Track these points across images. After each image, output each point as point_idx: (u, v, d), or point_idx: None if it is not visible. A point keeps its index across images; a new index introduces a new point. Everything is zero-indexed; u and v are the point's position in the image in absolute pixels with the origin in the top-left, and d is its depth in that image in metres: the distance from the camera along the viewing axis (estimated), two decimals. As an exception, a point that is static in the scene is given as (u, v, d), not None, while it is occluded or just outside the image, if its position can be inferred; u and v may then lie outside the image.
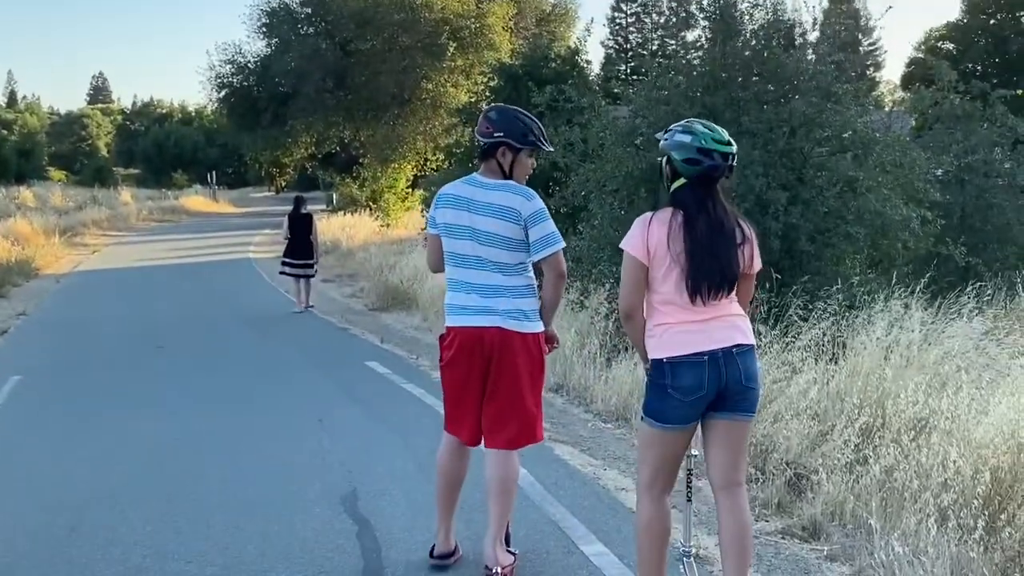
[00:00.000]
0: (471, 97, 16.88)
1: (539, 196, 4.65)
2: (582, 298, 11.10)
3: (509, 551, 4.76)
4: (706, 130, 3.93)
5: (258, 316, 15.63)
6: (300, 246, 16.15)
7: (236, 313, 16.11)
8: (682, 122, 4.05)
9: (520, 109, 4.78)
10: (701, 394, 3.86)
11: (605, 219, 10.06)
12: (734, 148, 3.97)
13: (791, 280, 9.12)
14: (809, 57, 10.15)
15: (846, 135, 9.69)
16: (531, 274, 4.61)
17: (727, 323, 3.92)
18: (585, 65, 16.72)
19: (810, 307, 8.53)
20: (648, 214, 4.01)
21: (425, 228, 4.82)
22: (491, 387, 4.55)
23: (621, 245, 4.02)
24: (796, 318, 8.32)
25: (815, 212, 9.29)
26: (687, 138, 3.91)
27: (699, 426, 4.02)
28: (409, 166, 37.55)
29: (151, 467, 6.76)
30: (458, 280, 4.58)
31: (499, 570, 4.55)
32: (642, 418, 4.04)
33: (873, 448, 5.92)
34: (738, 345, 3.90)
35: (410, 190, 34.91)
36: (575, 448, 7.16)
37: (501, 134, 4.56)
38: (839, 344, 7.93)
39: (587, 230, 10.77)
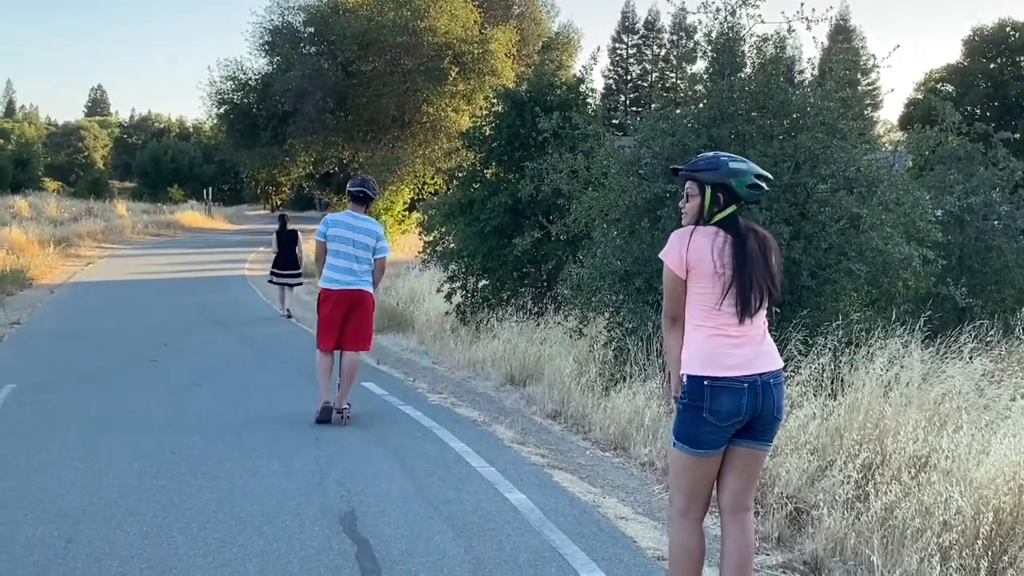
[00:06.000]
0: (474, 121, 16.91)
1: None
2: (581, 326, 11.07)
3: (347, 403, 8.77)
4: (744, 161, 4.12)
5: (253, 333, 15.61)
6: (286, 259, 18.12)
7: (231, 329, 16.09)
8: (712, 154, 4.18)
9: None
10: (737, 420, 3.92)
11: (608, 248, 10.04)
12: None
13: (791, 314, 9.11)
14: (810, 94, 10.13)
15: (850, 171, 9.69)
16: (371, 266, 8.69)
17: (765, 345, 4.03)
18: (590, 93, 16.77)
19: (809, 342, 8.53)
20: (689, 227, 4.10)
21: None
22: (353, 321, 8.64)
23: (661, 255, 4.12)
24: (796, 352, 8.32)
25: (817, 247, 9.28)
26: (743, 166, 4.07)
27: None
28: (407, 189, 37.65)
29: (145, 480, 6.69)
30: (339, 265, 8.58)
31: (347, 405, 8.68)
32: (673, 443, 4.06)
33: (873, 485, 5.91)
34: (775, 374, 3.99)
35: (407, 213, 34.86)
36: (574, 475, 7.12)
37: (372, 193, 8.92)
38: (838, 380, 7.93)
39: (588, 259, 10.75)
